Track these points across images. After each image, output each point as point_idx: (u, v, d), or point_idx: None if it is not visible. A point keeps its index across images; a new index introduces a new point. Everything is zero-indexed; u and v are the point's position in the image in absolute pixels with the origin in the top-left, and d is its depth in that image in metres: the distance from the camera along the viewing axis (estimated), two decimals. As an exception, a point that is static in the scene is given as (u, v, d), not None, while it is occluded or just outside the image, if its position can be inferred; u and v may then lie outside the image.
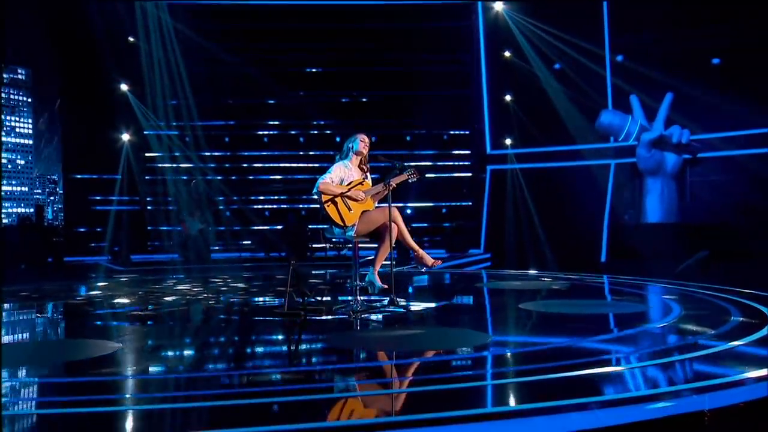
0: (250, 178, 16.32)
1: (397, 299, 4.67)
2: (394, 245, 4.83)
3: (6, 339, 4.25)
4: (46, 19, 14.60)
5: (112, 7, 13.87)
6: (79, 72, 14.01)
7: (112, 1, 13.88)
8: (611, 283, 7.39)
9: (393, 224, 4.71)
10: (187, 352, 3.85)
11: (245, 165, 16.35)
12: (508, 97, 14.75)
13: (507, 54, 14.38)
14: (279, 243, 13.51)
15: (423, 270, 5.08)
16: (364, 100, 16.21)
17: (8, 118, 36.85)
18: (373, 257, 4.90)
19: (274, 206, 16.23)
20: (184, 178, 15.51)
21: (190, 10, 14.66)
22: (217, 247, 14.93)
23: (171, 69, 14.69)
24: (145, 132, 15.08)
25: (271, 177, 16.31)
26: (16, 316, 5.77)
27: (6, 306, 6.55)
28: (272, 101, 15.96)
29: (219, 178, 15.94)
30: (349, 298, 4.95)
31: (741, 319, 4.44)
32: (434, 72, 15.21)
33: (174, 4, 14.63)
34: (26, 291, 7.79)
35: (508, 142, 14.95)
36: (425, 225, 16.07)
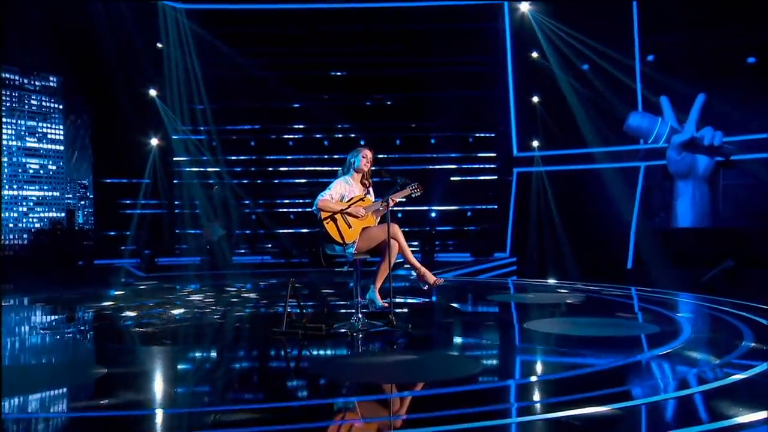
0: (276, 181, 16.37)
1: (395, 319, 4.49)
2: (395, 261, 4.71)
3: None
4: (76, 27, 14.84)
5: (139, 14, 14.05)
6: (109, 78, 14.20)
7: (139, 8, 14.05)
8: (628, 296, 7.13)
9: (393, 241, 4.58)
10: (158, 386, 3.58)
11: (270, 169, 16.43)
12: (535, 99, 14.54)
13: (534, 55, 14.18)
14: (298, 249, 13.49)
15: (425, 288, 4.87)
16: (388, 103, 16.14)
17: (40, 124, 37.81)
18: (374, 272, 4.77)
19: (299, 210, 16.25)
20: (211, 181, 15.64)
21: (215, 15, 14.80)
22: (242, 251, 15.00)
23: (197, 74, 14.83)
24: (172, 137, 15.22)
25: (296, 180, 16.35)
26: (10, 326, 5.76)
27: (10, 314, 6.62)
28: (297, 105, 15.99)
29: (245, 181, 16.05)
30: (353, 311, 4.77)
31: (752, 344, 4.16)
32: (459, 74, 15.08)
33: (198, 10, 14.78)
34: (38, 299, 7.89)
35: (534, 144, 14.75)
36: (449, 228, 15.92)
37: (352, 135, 16.29)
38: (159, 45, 14.47)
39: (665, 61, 12.71)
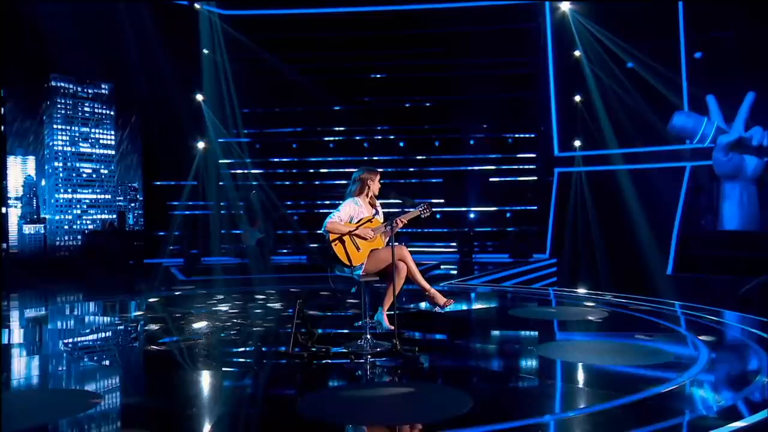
0: (317, 183, 16.60)
1: (399, 343, 4.39)
2: (403, 284, 4.64)
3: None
4: (125, 35, 15.40)
5: (185, 21, 14.49)
6: (157, 84, 14.68)
7: (184, 15, 14.49)
8: (656, 312, 6.64)
9: (402, 263, 4.52)
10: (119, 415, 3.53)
11: (312, 171, 16.66)
12: (577, 98, 14.33)
13: (577, 53, 13.98)
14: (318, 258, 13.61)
15: (436, 309, 4.74)
16: (427, 104, 16.16)
17: (93, 130, 39.25)
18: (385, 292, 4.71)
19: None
20: (254, 183, 15.98)
21: (257, 21, 15.15)
22: (285, 250, 15.26)
23: (240, 79, 15.19)
24: (218, 140, 15.61)
25: (337, 182, 16.54)
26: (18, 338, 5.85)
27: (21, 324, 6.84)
28: (338, 108, 16.18)
29: (287, 183, 16.35)
30: (362, 331, 4.70)
31: (765, 380, 3.84)
32: (499, 75, 14.99)
33: (240, 16, 15.15)
34: (68, 305, 8.11)
35: (576, 143, 14.53)
36: (489, 229, 15.82)
37: (392, 137, 16.39)
38: (205, 51, 14.87)
39: (713, 59, 12.34)
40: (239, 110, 15.66)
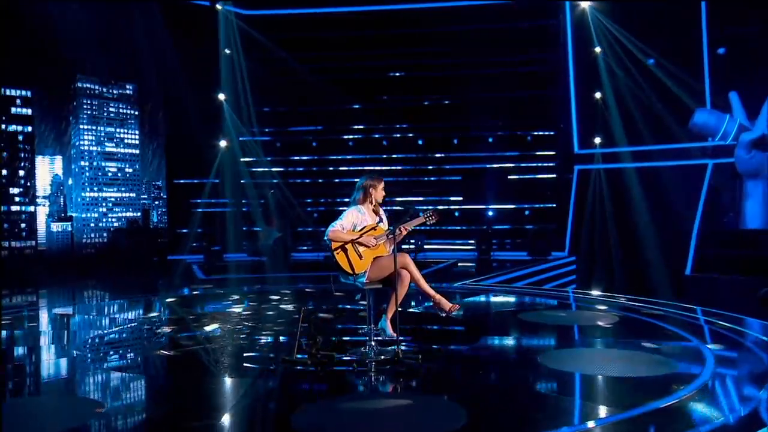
0: (336, 181, 16.74)
1: (402, 352, 4.39)
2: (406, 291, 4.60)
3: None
4: (148, 37, 15.71)
5: (206, 21, 14.72)
6: (180, 84, 14.93)
7: (205, 16, 14.71)
8: (666, 317, 6.44)
9: (405, 271, 4.49)
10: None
11: (331, 168, 16.81)
12: (597, 95, 14.22)
13: (597, 49, 13.88)
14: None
15: (443, 315, 4.64)
16: (446, 102, 16.18)
17: (118, 130, 39.98)
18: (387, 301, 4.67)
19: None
20: (274, 181, 16.18)
21: (276, 21, 15.36)
22: (305, 247, 15.42)
23: (260, 79, 15.37)
24: (239, 138, 15.82)
25: (356, 180, 16.64)
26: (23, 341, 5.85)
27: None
28: (357, 106, 16.30)
29: (308, 181, 16.52)
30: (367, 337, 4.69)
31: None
32: (517, 72, 14.98)
33: (259, 16, 15.35)
34: (89, 306, 8.25)
35: (597, 140, 14.43)
36: (507, 227, 15.79)
37: (410, 135, 16.46)
38: (227, 51, 15.08)
39: (736, 56, 12.15)
40: (260, 109, 15.89)
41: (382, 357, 4.44)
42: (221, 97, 15.26)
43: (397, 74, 16.12)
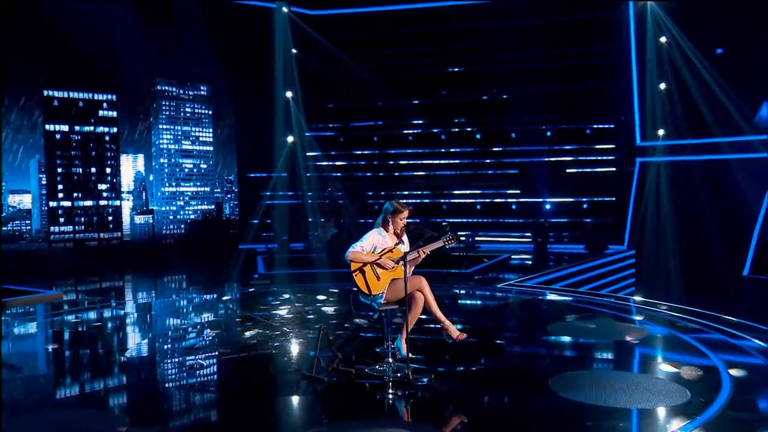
0: (396, 174, 17.06)
1: (410, 375, 4.43)
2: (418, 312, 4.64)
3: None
4: (220, 40, 16.57)
5: (273, 23, 15.33)
6: (251, 84, 15.64)
7: (273, 18, 15.32)
8: (702, 330, 6.14)
9: (419, 294, 4.54)
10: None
11: (391, 162, 17.14)
12: (662, 86, 13.79)
13: (663, 39, 13.48)
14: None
15: (450, 342, 4.62)
16: (504, 97, 16.11)
17: (193, 129, 42.01)
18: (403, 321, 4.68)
19: (417, 201, 16.80)
20: (338, 174, 16.70)
21: (339, 21, 15.80)
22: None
23: (325, 77, 15.88)
24: (305, 134, 16.41)
25: (415, 173, 16.91)
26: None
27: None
28: (417, 101, 16.53)
29: (369, 174, 16.94)
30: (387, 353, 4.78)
31: None
32: (576, 66, 14.75)
33: (323, 16, 15.82)
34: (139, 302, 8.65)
35: (660, 132, 14.00)
36: (564, 220, 15.59)
37: (468, 129, 16.52)
38: (294, 51, 15.66)
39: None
40: (324, 106, 16.42)
41: (399, 375, 4.50)
42: (288, 94, 15.87)
43: (456, 70, 16.19)
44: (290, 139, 16.16)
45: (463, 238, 4.55)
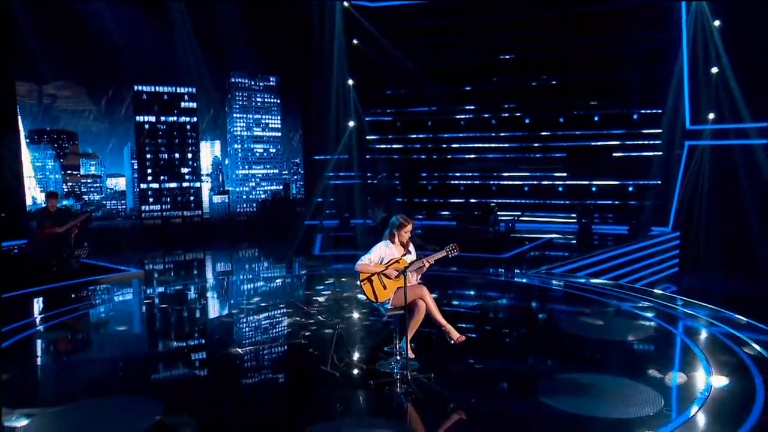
0: (449, 157, 17.55)
1: (411, 374, 4.62)
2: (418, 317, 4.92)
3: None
4: (288, 34, 17.52)
5: (332, 14, 16.00)
6: (315, 72, 16.48)
7: (332, 10, 16.02)
8: (714, 325, 5.94)
9: (420, 301, 4.83)
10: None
11: (444, 146, 17.65)
12: (714, 69, 13.56)
13: (716, 23, 13.24)
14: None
15: (452, 343, 4.83)
16: (553, 83, 16.20)
17: (264, 117, 43.82)
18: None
19: (468, 182, 17.27)
20: (395, 157, 17.42)
21: (398, 11, 16.26)
22: (420, 216, 16.49)
23: (384, 64, 16.45)
24: (365, 119, 17.18)
25: (466, 156, 17.35)
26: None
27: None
28: (468, 88, 16.89)
29: (423, 157, 17.55)
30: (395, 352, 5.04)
31: None
32: (625, 52, 14.60)
33: (380, 7, 16.32)
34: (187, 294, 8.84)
35: (710, 116, 13.79)
36: (609, 202, 15.61)
37: (518, 114, 16.75)
38: (354, 41, 16.37)
39: None
40: (382, 92, 17.06)
41: (401, 374, 4.72)
42: (350, 82, 16.64)
43: (507, 57, 16.35)
44: (351, 123, 16.97)
45: (456, 253, 4.74)
